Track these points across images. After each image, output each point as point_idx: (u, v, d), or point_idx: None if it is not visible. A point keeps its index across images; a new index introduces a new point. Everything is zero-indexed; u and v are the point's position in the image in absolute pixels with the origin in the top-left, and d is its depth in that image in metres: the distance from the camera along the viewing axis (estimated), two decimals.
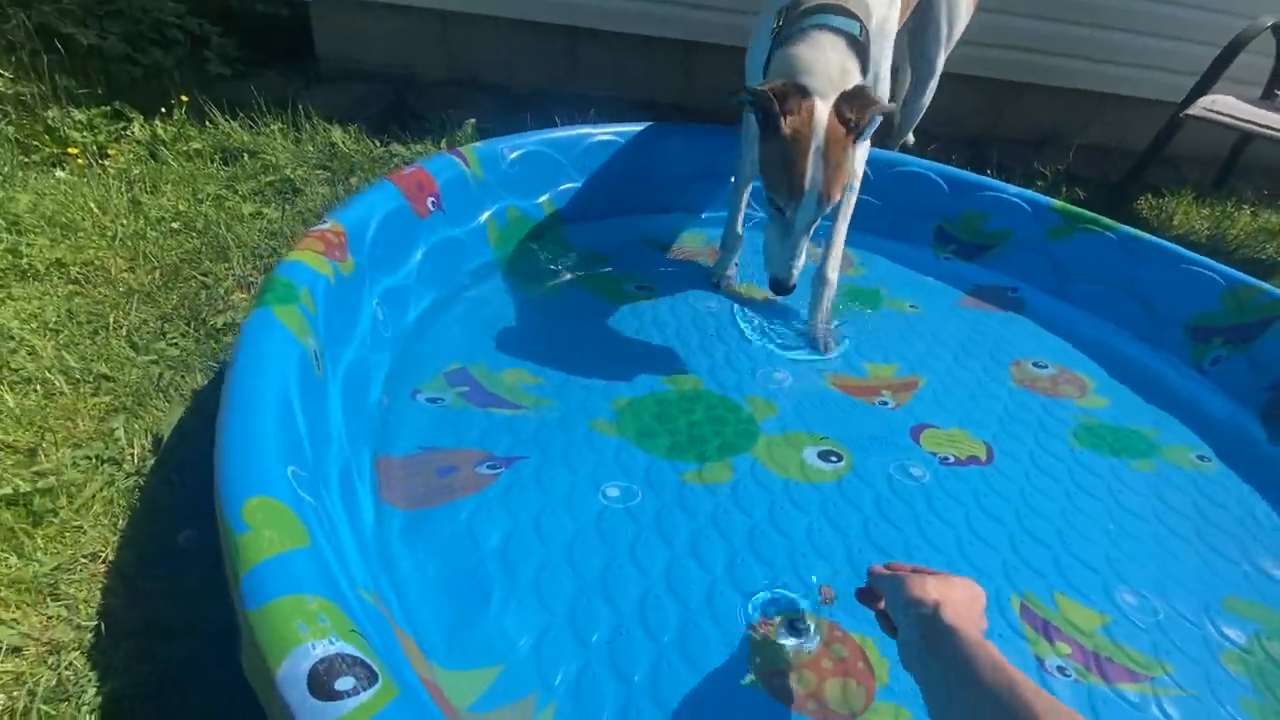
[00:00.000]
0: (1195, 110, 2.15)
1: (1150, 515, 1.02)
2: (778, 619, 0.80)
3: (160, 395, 1.03)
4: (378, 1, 2.36)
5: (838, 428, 1.12)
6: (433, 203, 1.22)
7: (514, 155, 1.43)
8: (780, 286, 1.04)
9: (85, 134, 1.86)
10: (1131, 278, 1.49)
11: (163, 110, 1.95)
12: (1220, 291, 1.36)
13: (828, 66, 0.93)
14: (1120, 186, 2.52)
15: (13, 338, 1.12)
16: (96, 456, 0.90)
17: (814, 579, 0.86)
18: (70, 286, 1.28)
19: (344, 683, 0.41)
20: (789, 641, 0.78)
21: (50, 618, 0.71)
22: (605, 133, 1.60)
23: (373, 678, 0.42)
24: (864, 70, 0.97)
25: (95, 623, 0.71)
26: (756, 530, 0.92)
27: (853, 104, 0.92)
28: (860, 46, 0.96)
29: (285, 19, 2.63)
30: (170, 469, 0.89)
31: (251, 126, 2.01)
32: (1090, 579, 0.90)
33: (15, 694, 0.64)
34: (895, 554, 0.90)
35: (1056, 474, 1.08)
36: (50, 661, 0.68)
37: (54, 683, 0.65)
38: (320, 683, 0.40)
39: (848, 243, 1.31)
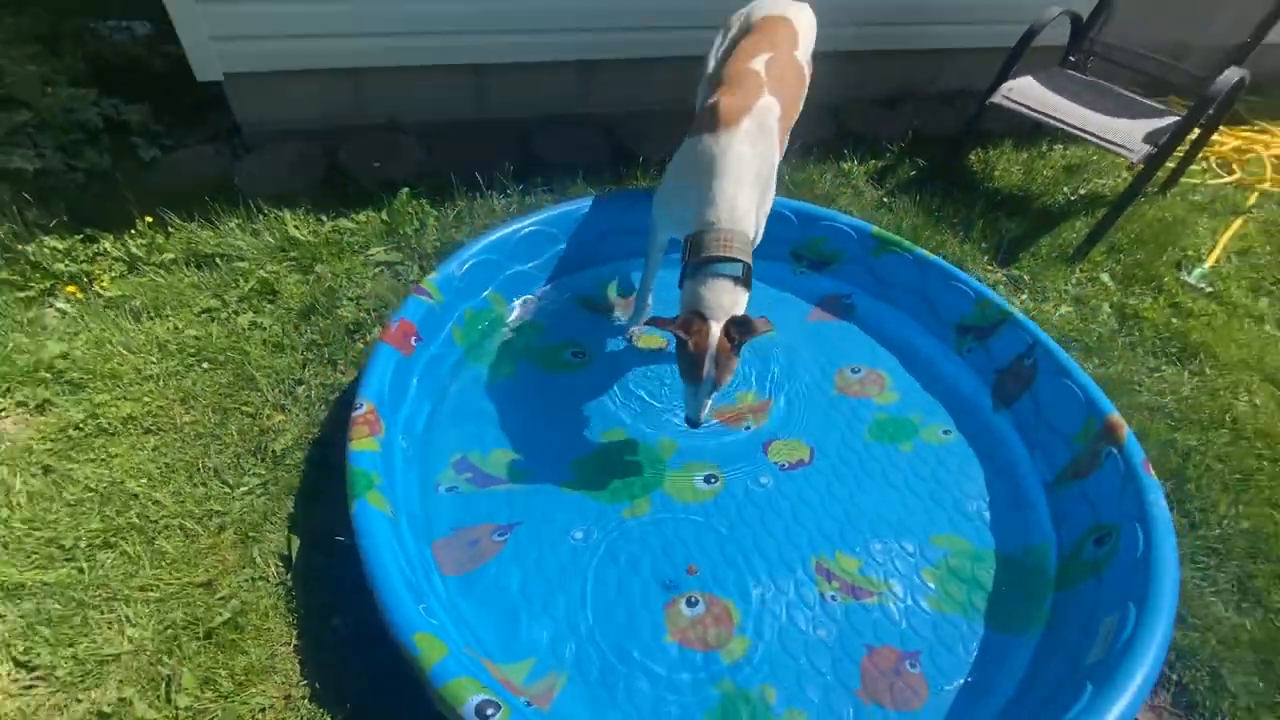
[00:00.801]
0: (996, 98, 2.64)
1: (902, 485, 1.69)
2: (681, 598, 1.44)
3: (267, 522, 1.53)
4: (287, 70, 2.54)
5: (716, 454, 1.72)
6: (415, 340, 1.68)
7: (462, 271, 1.86)
8: (693, 425, 1.49)
9: (68, 263, 2.13)
10: (923, 287, 2.08)
11: (131, 230, 2.20)
12: (973, 301, 1.97)
13: (721, 300, 1.38)
14: (954, 144, 3.02)
15: (136, 496, 1.57)
16: (251, 578, 1.42)
17: (689, 563, 1.49)
18: (150, 438, 1.70)
19: (489, 710, 1.00)
20: (688, 611, 1.42)
21: (280, 683, 1.28)
22: (529, 224, 2.01)
23: (499, 706, 1.00)
24: (749, 284, 1.43)
25: (307, 682, 1.28)
26: (666, 543, 1.53)
27: (739, 329, 1.36)
28: (744, 279, 1.41)
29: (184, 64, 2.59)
30: (304, 579, 1.42)
31: (210, 225, 2.29)
32: (857, 538, 1.57)
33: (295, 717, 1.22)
34: (748, 545, 1.54)
35: (851, 464, 1.72)
36: (292, 709, 1.25)
37: (309, 715, 1.23)
38: (481, 713, 0.99)
39: None
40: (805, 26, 1.88)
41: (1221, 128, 3.76)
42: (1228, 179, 3.30)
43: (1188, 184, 3.20)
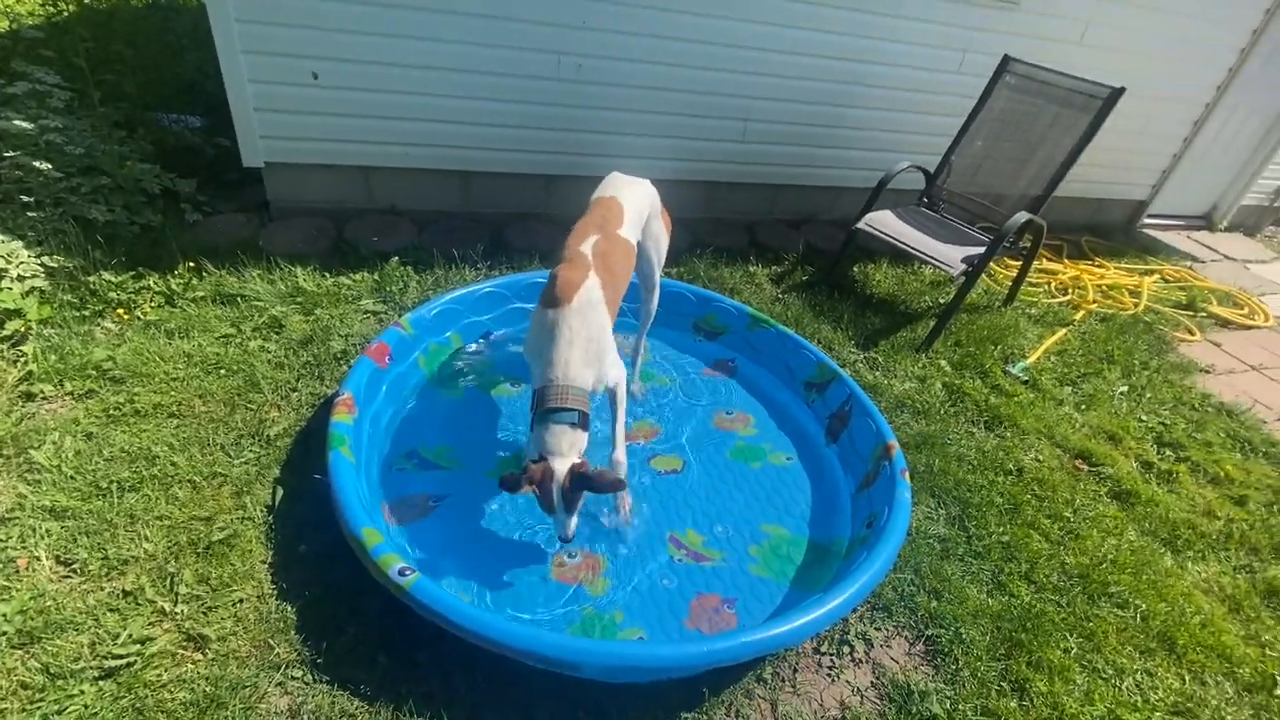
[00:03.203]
0: (862, 225, 3.45)
1: (747, 490, 2.23)
2: (564, 552, 1.92)
3: (257, 482, 2.01)
4: (314, 163, 3.27)
5: (603, 451, 2.26)
6: (388, 358, 2.25)
7: (432, 314, 2.46)
8: (565, 541, 1.76)
9: (119, 293, 2.70)
10: (782, 354, 2.73)
11: (172, 271, 2.80)
12: (814, 363, 2.61)
13: (560, 443, 1.68)
14: (836, 260, 3.79)
15: (159, 458, 2.05)
16: (241, 517, 1.89)
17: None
18: (173, 420, 2.20)
19: (406, 573, 1.47)
20: (568, 560, 1.90)
21: (255, 585, 1.72)
22: (488, 286, 2.66)
23: (413, 570, 1.48)
24: (586, 427, 1.74)
25: (275, 584, 1.73)
26: None
27: (580, 481, 1.67)
28: (581, 423, 1.71)
29: (230, 152, 3.29)
30: (281, 520, 1.89)
31: (236, 273, 2.90)
32: (706, 522, 2.09)
33: (264, 606, 1.66)
34: (622, 521, 2.04)
35: (712, 474, 2.27)
36: (264, 600, 1.69)
37: (273, 605, 1.67)
38: (401, 574, 1.47)
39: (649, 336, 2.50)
40: (633, 201, 2.13)
41: (1066, 260, 4.70)
42: (1063, 299, 4.13)
43: (1028, 300, 4.01)
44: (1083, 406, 3.14)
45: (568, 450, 1.71)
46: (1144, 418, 3.13)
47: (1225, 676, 1.94)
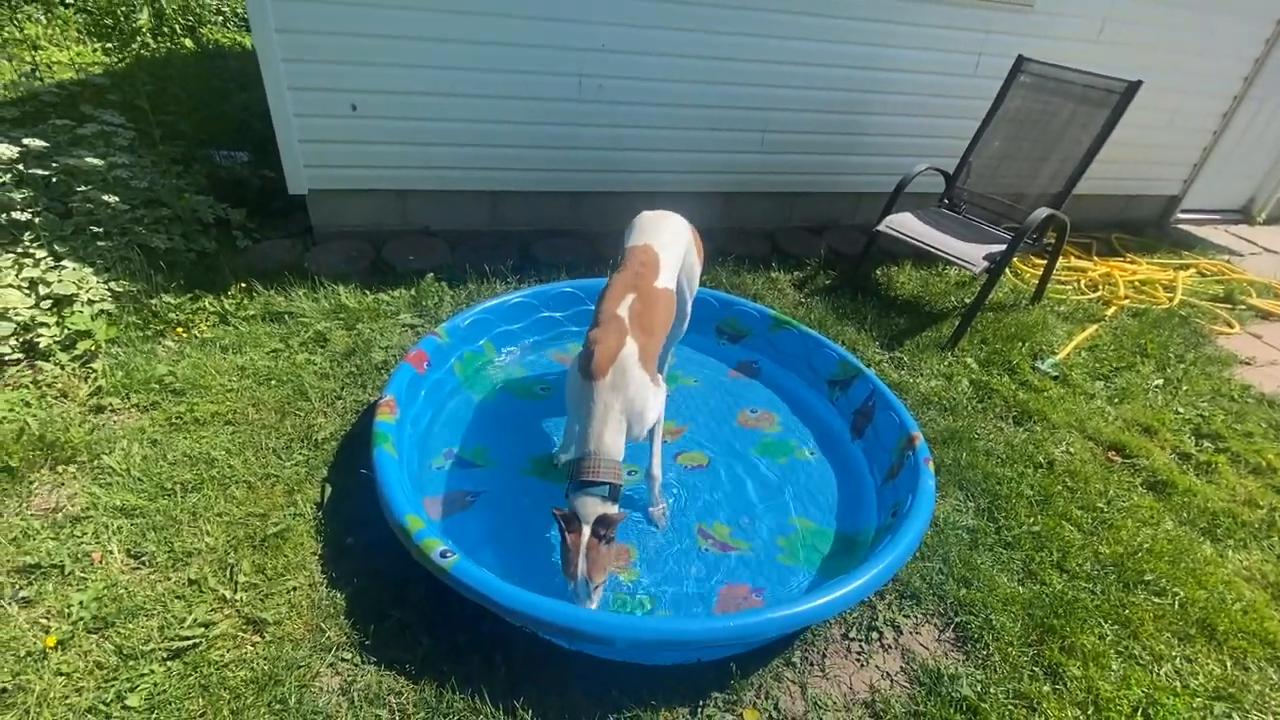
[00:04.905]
0: (882, 227, 3.49)
1: (774, 485, 2.27)
2: None
3: (307, 482, 2.14)
4: (353, 189, 3.46)
5: (640, 459, 2.33)
6: (427, 364, 2.37)
7: (466, 324, 2.59)
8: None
9: (178, 313, 2.90)
10: (805, 354, 2.77)
11: (226, 293, 3.00)
12: (837, 361, 2.65)
13: (589, 509, 1.69)
14: (858, 263, 3.83)
15: (217, 461, 2.20)
16: (293, 513, 2.01)
17: None
18: (229, 427, 2.35)
19: (447, 555, 1.56)
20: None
21: (307, 574, 1.83)
22: (518, 297, 2.78)
23: (454, 552, 1.57)
24: (616, 498, 1.76)
25: (325, 574, 1.83)
26: None
27: (604, 526, 1.65)
28: (611, 496, 1.73)
29: (275, 183, 3.56)
30: (330, 515, 2.01)
31: (284, 293, 3.09)
32: (734, 514, 2.13)
33: (315, 593, 1.77)
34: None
35: (738, 470, 2.32)
36: (315, 588, 1.80)
37: (323, 592, 1.78)
38: (443, 555, 1.56)
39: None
40: (670, 246, 2.14)
41: (1096, 258, 4.64)
42: (1093, 295, 4.08)
43: (1056, 297, 3.97)
44: (1115, 400, 3.10)
45: (594, 513, 1.72)
46: (1180, 410, 3.07)
47: (1269, 662, 1.89)
